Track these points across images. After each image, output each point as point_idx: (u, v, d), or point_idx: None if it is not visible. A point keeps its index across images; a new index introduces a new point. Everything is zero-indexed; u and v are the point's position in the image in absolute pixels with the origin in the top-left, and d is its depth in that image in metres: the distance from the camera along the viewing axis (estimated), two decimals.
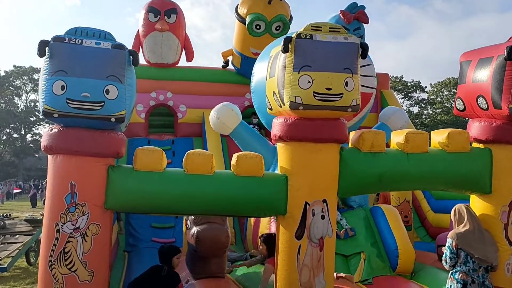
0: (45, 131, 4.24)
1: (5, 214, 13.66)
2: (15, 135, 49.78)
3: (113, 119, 4.05)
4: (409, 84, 44.46)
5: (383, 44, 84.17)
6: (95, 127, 4.17)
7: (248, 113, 10.00)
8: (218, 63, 13.81)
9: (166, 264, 5.02)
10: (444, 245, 4.93)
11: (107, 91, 4.01)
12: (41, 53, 3.95)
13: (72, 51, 3.96)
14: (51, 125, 4.25)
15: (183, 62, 10.52)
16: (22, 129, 48.87)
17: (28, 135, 50.40)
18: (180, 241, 8.06)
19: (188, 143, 9.91)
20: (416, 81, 44.69)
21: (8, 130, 49.28)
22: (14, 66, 48.22)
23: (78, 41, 3.98)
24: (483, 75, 4.77)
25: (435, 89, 44.61)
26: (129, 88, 4.18)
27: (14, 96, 48.52)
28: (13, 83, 48.25)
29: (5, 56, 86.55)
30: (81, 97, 3.93)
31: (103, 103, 3.99)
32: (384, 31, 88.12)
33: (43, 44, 3.95)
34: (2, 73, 47.96)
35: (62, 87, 3.92)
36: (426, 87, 45.16)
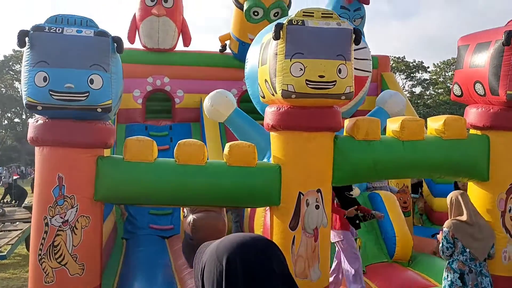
0: (31, 122, 4.13)
1: (5, 201, 13.74)
2: (16, 120, 49.59)
3: (99, 110, 3.92)
4: (411, 64, 43.98)
5: (387, 24, 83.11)
6: (81, 118, 4.04)
7: (247, 98, 9.87)
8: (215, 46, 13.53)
9: None
10: (438, 234, 4.86)
11: (91, 81, 3.86)
12: (21, 44, 3.80)
13: (53, 40, 3.80)
14: (36, 116, 4.13)
15: (180, 46, 10.37)
16: (23, 113, 48.63)
17: (30, 120, 50.15)
18: (178, 227, 8.04)
19: (186, 128, 9.80)
20: (419, 61, 44.19)
21: (9, 115, 49.10)
22: (14, 50, 47.50)
23: (58, 30, 3.82)
24: (481, 60, 4.63)
25: (438, 69, 44.11)
26: (114, 76, 4.04)
27: (14, 81, 48.11)
28: (13, 68, 47.78)
29: (4, 41, 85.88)
30: (64, 88, 3.78)
31: (87, 94, 3.85)
32: (388, 10, 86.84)
33: (22, 34, 3.79)
34: (2, 58, 47.51)
35: (45, 79, 3.77)
36: (428, 67, 44.67)
